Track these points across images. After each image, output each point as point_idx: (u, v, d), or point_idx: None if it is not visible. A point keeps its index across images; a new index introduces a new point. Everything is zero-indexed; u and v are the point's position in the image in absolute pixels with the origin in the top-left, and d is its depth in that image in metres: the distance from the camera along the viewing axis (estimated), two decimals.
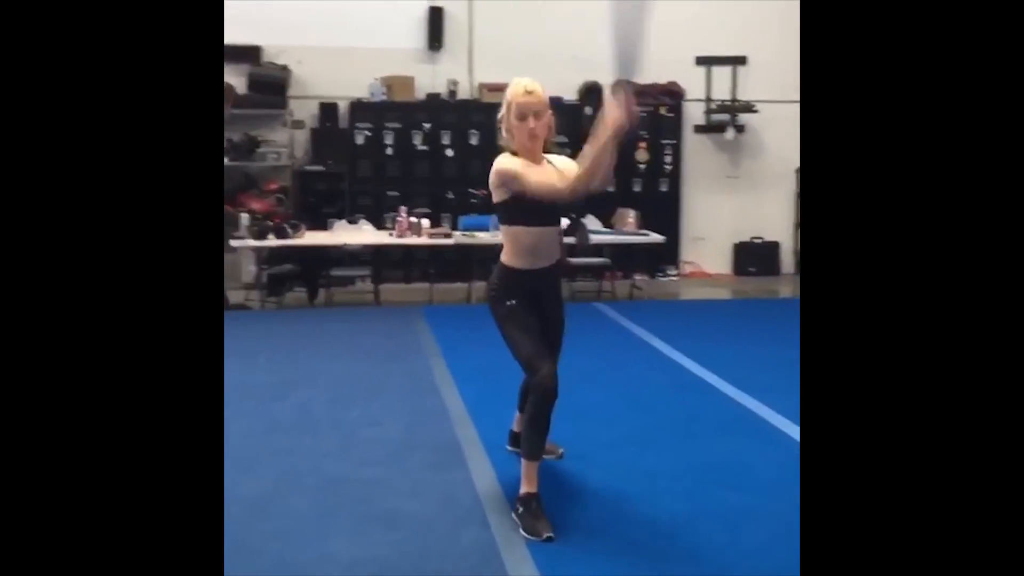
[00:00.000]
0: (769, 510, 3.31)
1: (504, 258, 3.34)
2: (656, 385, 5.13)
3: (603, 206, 8.40)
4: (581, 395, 4.76)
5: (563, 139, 8.94)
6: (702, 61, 9.38)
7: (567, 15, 8.73)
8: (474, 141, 8.69)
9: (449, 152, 8.73)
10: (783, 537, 3.01)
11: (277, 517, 3.27)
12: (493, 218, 7.47)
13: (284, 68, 8.48)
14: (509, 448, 3.79)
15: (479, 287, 7.82)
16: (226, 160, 8.24)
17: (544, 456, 3.77)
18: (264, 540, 3.07)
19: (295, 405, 4.66)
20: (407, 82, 8.68)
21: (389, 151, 8.65)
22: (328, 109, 8.61)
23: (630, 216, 7.72)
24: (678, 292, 8.82)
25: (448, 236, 7.29)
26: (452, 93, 8.79)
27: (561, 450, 3.84)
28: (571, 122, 8.90)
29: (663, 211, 9.01)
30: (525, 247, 3.29)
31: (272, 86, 8.37)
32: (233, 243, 7.07)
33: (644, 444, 4.08)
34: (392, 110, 8.59)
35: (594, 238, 7.37)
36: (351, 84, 8.60)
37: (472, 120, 8.68)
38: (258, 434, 4.19)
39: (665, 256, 9.06)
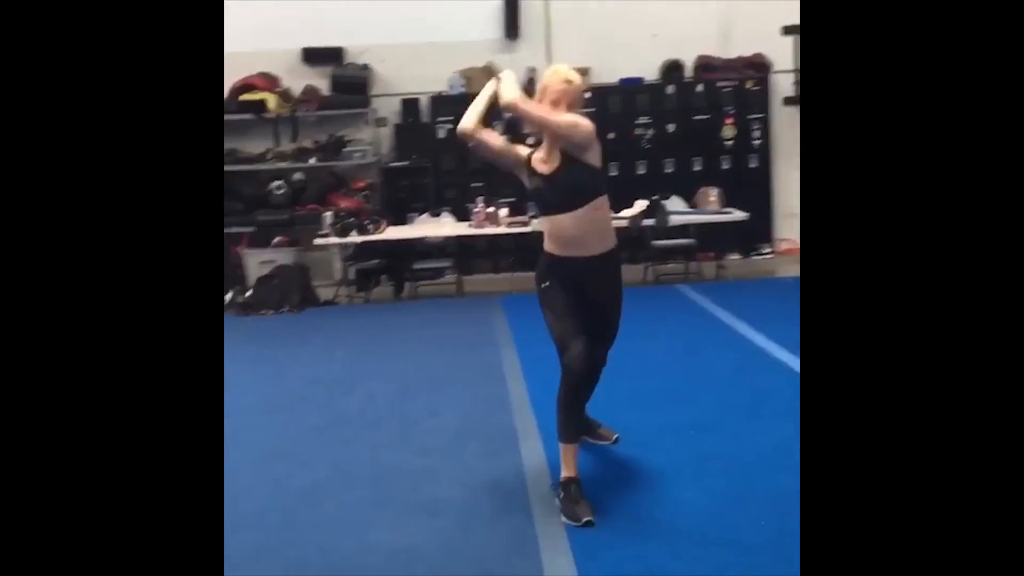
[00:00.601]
0: None
1: (544, 245, 3.38)
2: (728, 367, 4.99)
3: (688, 185, 8.26)
4: (649, 381, 4.71)
5: (646, 119, 8.91)
6: (789, 31, 9.04)
7: None
8: None
9: (530, 140, 8.70)
10: None
11: (326, 508, 3.35)
12: None
13: (365, 67, 8.64)
14: None
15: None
16: (313, 161, 8.49)
17: (599, 442, 3.76)
18: (308, 530, 3.16)
19: (363, 397, 4.76)
20: (485, 73, 8.70)
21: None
22: (410, 105, 8.73)
23: (712, 194, 7.54)
24: (773, 270, 8.56)
25: (525, 224, 7.28)
26: (531, 81, 8.75)
27: (616, 435, 3.80)
28: (653, 102, 8.79)
29: (754, 188, 8.74)
30: (557, 235, 3.30)
31: (355, 86, 8.54)
32: (317, 241, 7.26)
33: (705, 427, 3.99)
34: (472, 102, 8.62)
35: (676, 219, 7.22)
36: (432, 79, 8.69)
37: None
38: (322, 427, 4.30)
39: (758, 234, 8.80)
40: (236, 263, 8.06)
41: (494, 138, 3.47)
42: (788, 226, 9.15)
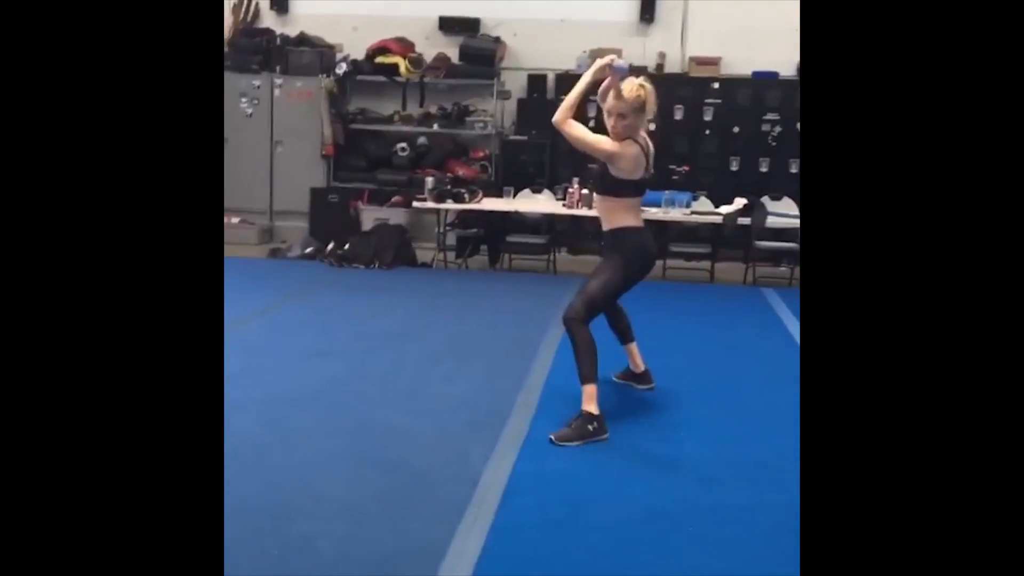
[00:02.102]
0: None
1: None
2: (778, 378, 4.86)
3: (789, 190, 7.91)
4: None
5: (775, 116, 8.59)
6: None
7: None
8: (678, 116, 8.51)
9: (651, 126, 8.58)
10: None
11: (296, 452, 3.57)
12: (681, 195, 7.36)
13: (496, 40, 8.80)
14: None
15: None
16: (437, 127, 8.76)
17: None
18: (270, 468, 3.40)
19: (394, 356, 4.97)
20: (613, 54, 8.65)
21: (592, 123, 8.68)
22: (536, 80, 8.82)
23: None
24: None
25: None
26: (659, 67, 8.66)
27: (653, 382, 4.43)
28: (789, 98, 8.45)
29: None
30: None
31: (483, 57, 8.71)
32: (416, 204, 7.53)
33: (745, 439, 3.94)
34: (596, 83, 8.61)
35: (773, 221, 6.99)
36: (561, 56, 8.72)
37: (678, 94, 8.49)
38: (342, 379, 4.54)
39: None
40: (353, 217, 8.47)
41: (577, 129, 3.87)
42: None
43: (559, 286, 7.12)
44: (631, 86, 3.86)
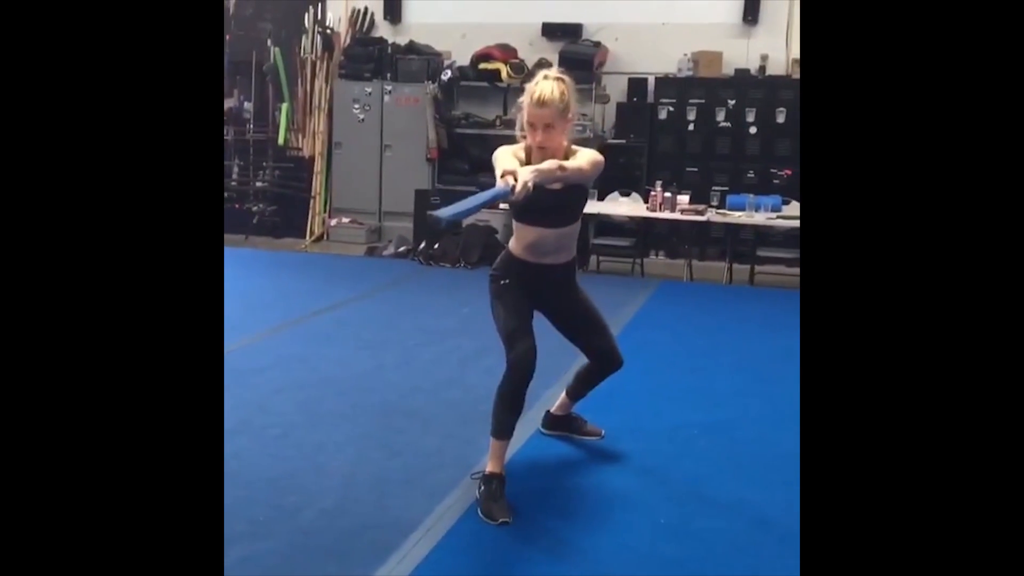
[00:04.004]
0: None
1: (510, 244, 3.36)
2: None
3: None
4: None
5: None
6: None
7: None
8: (780, 119, 8.34)
9: (752, 130, 8.48)
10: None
11: (321, 431, 3.83)
12: (774, 199, 7.22)
13: (597, 45, 8.88)
14: (542, 430, 3.87)
15: (740, 269, 7.62)
16: None
17: (587, 437, 3.84)
18: (276, 438, 3.70)
19: (443, 350, 5.17)
20: (715, 57, 8.59)
21: (691, 127, 8.66)
22: (637, 84, 8.84)
23: None
24: None
25: (700, 213, 7.20)
26: (762, 69, 8.51)
27: (602, 432, 3.85)
28: None
29: None
30: (527, 243, 3.26)
31: (582, 62, 8.78)
32: (502, 206, 7.71)
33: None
34: (697, 86, 8.57)
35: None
36: (663, 59, 8.73)
37: (780, 97, 8.33)
38: (385, 367, 4.79)
39: None
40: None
41: (580, 166, 3.08)
42: None
43: (635, 288, 7.16)
44: (549, 86, 3.04)
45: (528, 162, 3.06)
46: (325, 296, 6.64)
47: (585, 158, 3.11)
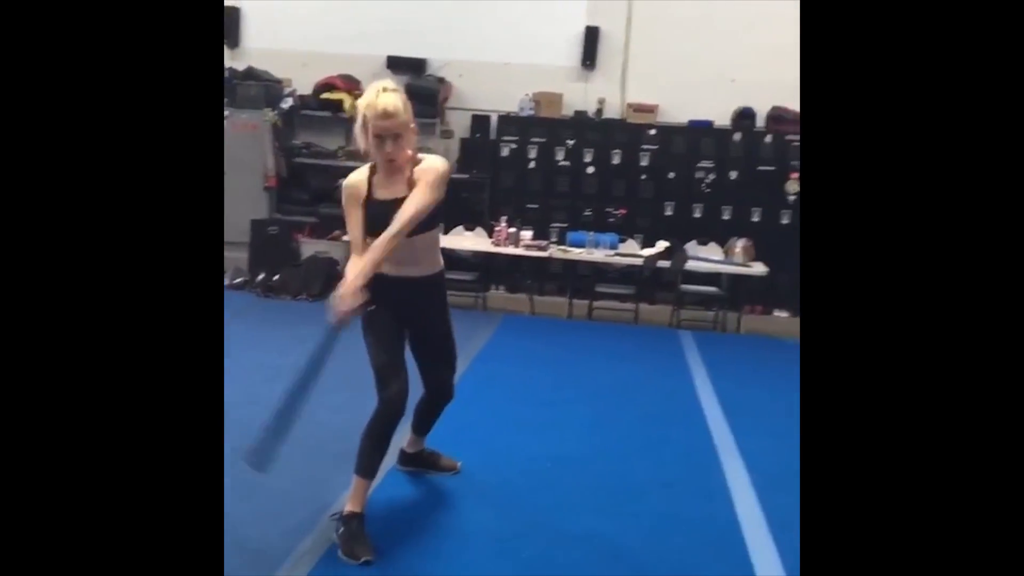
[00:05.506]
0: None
1: None
2: (653, 415, 4.94)
3: (743, 233, 7.95)
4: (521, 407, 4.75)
5: (709, 164, 8.76)
6: None
7: (725, 38, 8.52)
8: (616, 160, 8.68)
9: (590, 169, 8.78)
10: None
11: None
12: (605, 236, 7.46)
13: (440, 80, 8.97)
14: (398, 466, 3.82)
15: (579, 304, 7.84)
16: None
17: (444, 472, 3.83)
18: None
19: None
20: (555, 99, 8.85)
21: (532, 164, 8.87)
22: (480, 121, 8.99)
23: (738, 245, 7.36)
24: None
25: (543, 249, 7.37)
26: (599, 112, 8.85)
27: (459, 464, 3.86)
28: (720, 148, 8.62)
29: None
30: (393, 255, 3.11)
31: (427, 97, 8.85)
32: (344, 238, 7.62)
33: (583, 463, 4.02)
34: (538, 125, 8.80)
35: (694, 265, 7.12)
36: (504, 98, 8.91)
37: (616, 139, 8.67)
38: (232, 405, 4.59)
39: (782, 293, 8.36)
40: (294, 249, 8.56)
41: (414, 208, 3.03)
42: None
43: (479, 322, 7.22)
44: (391, 98, 3.02)
45: (374, 177, 3.16)
46: None
47: (426, 179, 3.06)
